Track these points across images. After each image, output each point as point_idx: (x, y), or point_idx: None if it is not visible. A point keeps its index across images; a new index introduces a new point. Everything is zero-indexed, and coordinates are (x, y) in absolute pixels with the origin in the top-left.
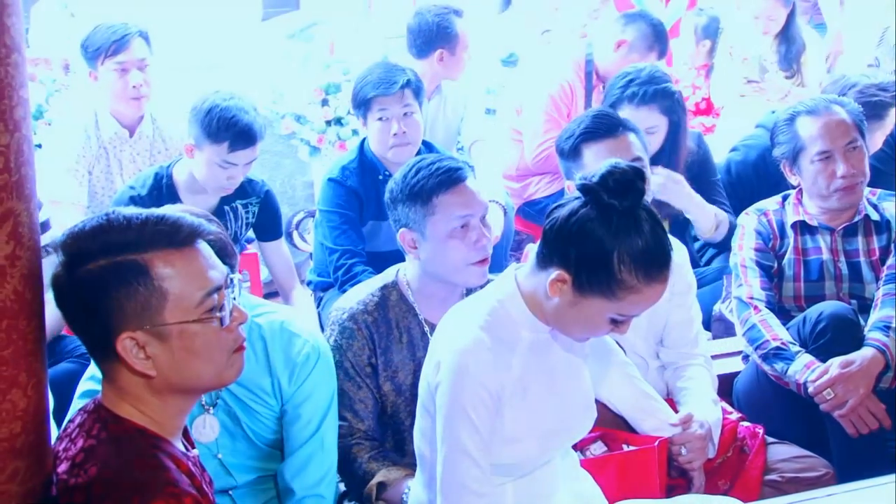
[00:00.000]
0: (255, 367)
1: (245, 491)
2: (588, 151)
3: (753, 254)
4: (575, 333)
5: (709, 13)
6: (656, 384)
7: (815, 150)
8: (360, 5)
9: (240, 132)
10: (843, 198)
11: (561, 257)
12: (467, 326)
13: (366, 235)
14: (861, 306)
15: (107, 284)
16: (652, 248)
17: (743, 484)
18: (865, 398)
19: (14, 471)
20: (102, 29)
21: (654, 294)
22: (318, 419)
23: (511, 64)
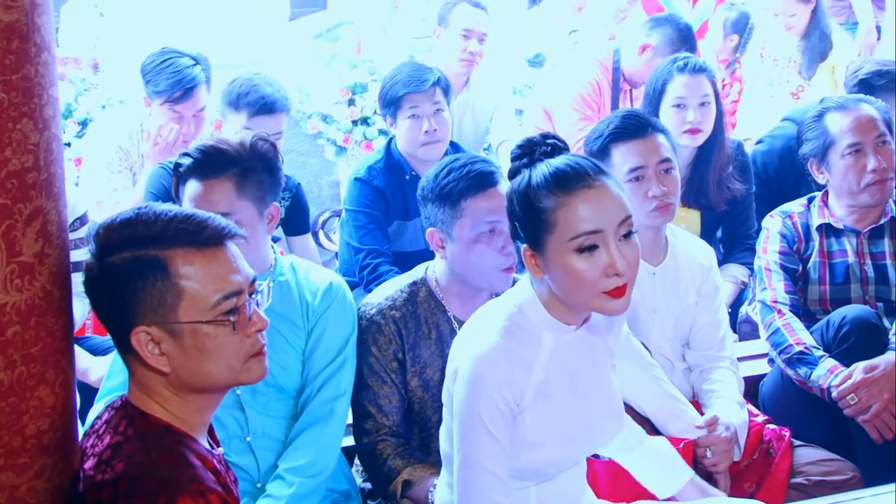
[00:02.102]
0: (289, 298)
1: (262, 443)
2: (616, 152)
3: (778, 257)
4: (580, 297)
5: (739, 8)
6: (682, 386)
7: (846, 143)
8: (387, 6)
9: (259, 99)
10: (874, 193)
11: (516, 237)
12: (485, 333)
13: (391, 235)
14: (887, 309)
15: (127, 276)
16: (558, 167)
17: (769, 487)
18: (889, 403)
19: (42, 467)
20: (170, 69)
21: (585, 203)
22: (336, 349)
23: (538, 64)
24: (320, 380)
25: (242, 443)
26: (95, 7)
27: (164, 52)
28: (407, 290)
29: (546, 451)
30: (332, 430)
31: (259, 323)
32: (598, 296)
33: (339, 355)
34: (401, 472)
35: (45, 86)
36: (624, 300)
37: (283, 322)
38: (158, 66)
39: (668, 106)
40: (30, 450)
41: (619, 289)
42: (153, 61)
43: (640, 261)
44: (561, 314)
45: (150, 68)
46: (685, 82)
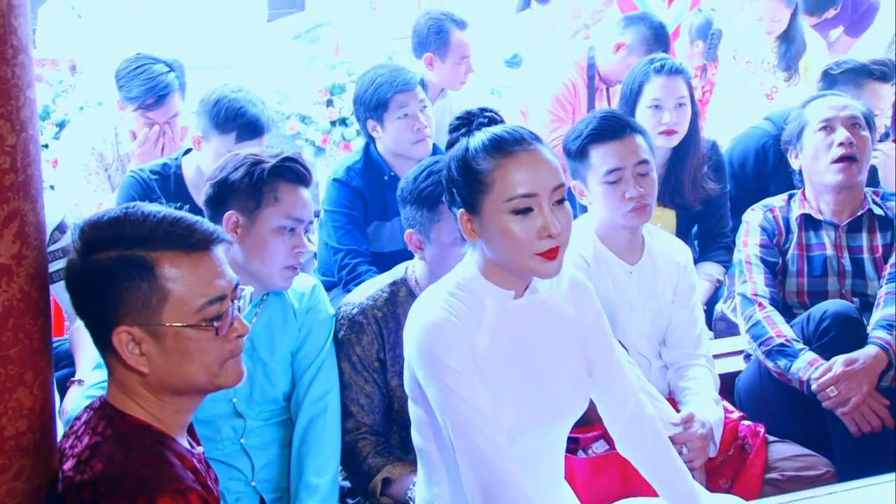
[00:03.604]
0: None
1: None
2: (595, 152)
3: (758, 250)
4: (517, 259)
5: (705, 14)
6: (658, 384)
7: (817, 119)
8: (365, 7)
9: (247, 123)
10: (838, 172)
11: (452, 203)
12: (430, 307)
13: (370, 235)
14: (863, 304)
15: (112, 275)
16: (496, 133)
17: (744, 482)
18: (868, 396)
19: (20, 469)
20: (143, 76)
21: (519, 167)
22: (320, 343)
23: (515, 65)
24: (308, 377)
25: (236, 444)
26: (73, 9)
27: (138, 58)
28: (387, 290)
29: (505, 412)
30: (331, 425)
31: (240, 328)
32: (531, 257)
33: (321, 352)
34: (380, 470)
35: (21, 87)
36: (556, 263)
37: (277, 333)
38: (132, 73)
39: (644, 107)
40: (8, 451)
41: (551, 251)
42: (127, 67)
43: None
44: (499, 280)
45: (123, 74)
46: (662, 84)
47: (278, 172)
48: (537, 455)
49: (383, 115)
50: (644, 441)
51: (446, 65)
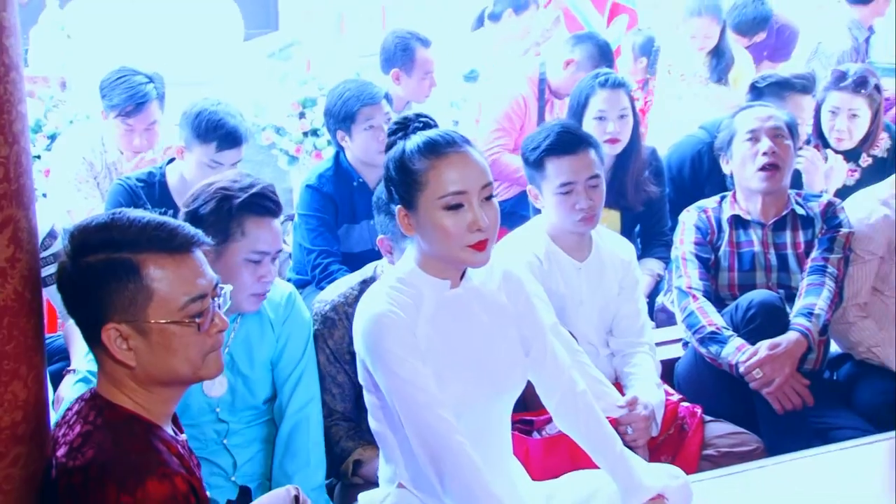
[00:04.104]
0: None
1: (237, 441)
2: (551, 165)
3: (693, 247)
4: (449, 251)
5: (645, 33)
6: (605, 370)
7: (745, 130)
8: (334, 27)
9: (226, 134)
10: (763, 179)
11: (391, 200)
12: (373, 301)
13: (340, 237)
14: (788, 295)
15: (101, 277)
16: (430, 136)
17: (683, 458)
18: (790, 377)
19: (16, 456)
20: (124, 85)
21: (450, 167)
22: (301, 350)
23: (472, 79)
24: (289, 386)
25: (219, 444)
26: (62, 29)
27: (121, 70)
28: (358, 288)
29: (450, 389)
30: (314, 434)
31: (220, 324)
32: (463, 249)
33: (301, 360)
34: (351, 453)
35: (13, 102)
36: (485, 253)
37: (255, 346)
38: (114, 83)
39: (590, 118)
40: (5, 440)
41: (481, 243)
42: (110, 78)
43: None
44: (435, 271)
45: (106, 84)
46: (606, 97)
47: (246, 207)
48: (484, 430)
49: (351, 126)
50: (577, 414)
51: (412, 79)
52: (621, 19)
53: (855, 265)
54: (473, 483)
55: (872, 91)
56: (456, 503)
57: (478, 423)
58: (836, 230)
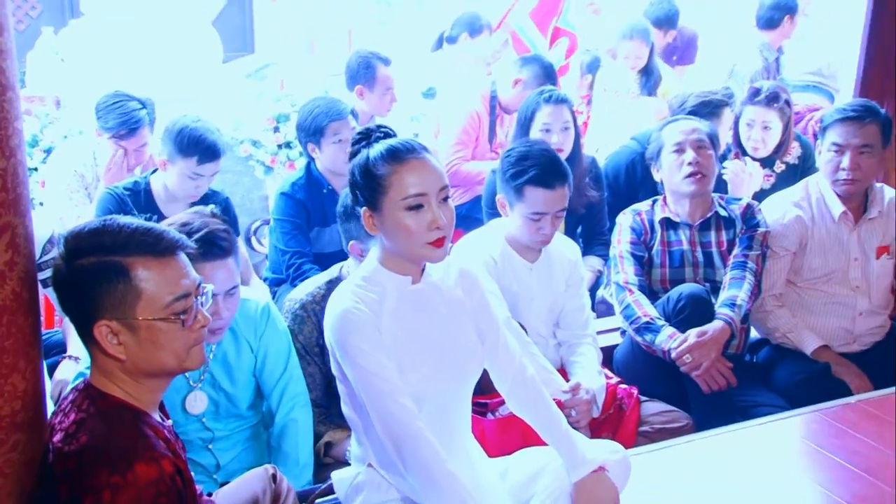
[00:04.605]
0: (233, 340)
1: (222, 445)
2: (529, 193)
3: (629, 246)
4: (411, 248)
5: (593, 53)
6: (552, 358)
7: (672, 142)
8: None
9: (206, 148)
10: (690, 184)
11: (356, 203)
12: (341, 298)
13: (312, 239)
14: (713, 288)
15: (93, 278)
16: (391, 144)
17: (621, 435)
18: (716, 361)
19: (15, 442)
20: (119, 110)
21: (410, 172)
22: (283, 361)
23: (430, 96)
24: (276, 394)
25: (204, 448)
26: (57, 54)
27: (116, 95)
28: (324, 287)
29: (411, 378)
30: (303, 434)
31: (203, 320)
32: (423, 246)
33: (286, 370)
34: (322, 436)
35: (10, 119)
36: (443, 250)
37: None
38: (110, 107)
39: (536, 130)
40: (5, 428)
41: (439, 240)
42: (106, 101)
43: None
44: (397, 268)
45: (102, 107)
46: (550, 111)
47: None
48: (444, 413)
49: (320, 139)
50: (527, 397)
51: (374, 94)
52: (562, 42)
53: (771, 260)
54: (432, 463)
55: (783, 105)
56: (417, 482)
57: (439, 407)
58: (754, 229)
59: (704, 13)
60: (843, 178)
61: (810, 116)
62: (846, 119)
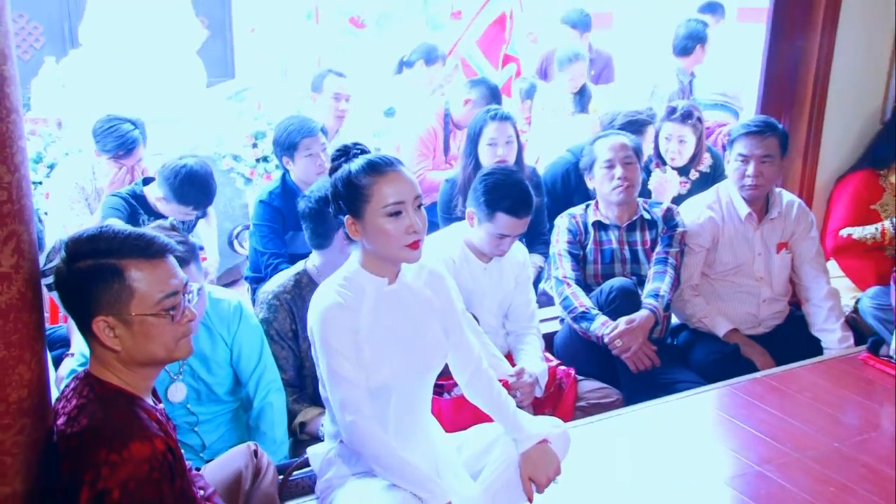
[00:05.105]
0: (208, 336)
1: (206, 427)
2: (500, 218)
3: (566, 245)
4: (391, 251)
5: (530, 80)
6: (501, 346)
7: (603, 159)
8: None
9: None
10: (619, 195)
11: (338, 211)
12: (325, 294)
13: (287, 242)
14: (639, 281)
15: (91, 279)
16: (370, 159)
17: (561, 410)
18: (643, 345)
19: (22, 426)
20: (115, 133)
21: (389, 183)
22: (257, 352)
23: (390, 115)
24: (253, 382)
25: (191, 430)
26: (58, 80)
27: (110, 119)
28: (293, 280)
29: (384, 371)
30: (278, 416)
31: (190, 315)
32: (402, 248)
33: (260, 360)
34: (296, 415)
35: (14, 139)
36: (419, 252)
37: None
38: (106, 131)
39: (484, 144)
40: (13, 413)
41: (415, 242)
42: (102, 126)
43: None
44: (376, 269)
45: (99, 132)
46: (496, 127)
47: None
48: (411, 398)
49: (294, 153)
50: (482, 387)
51: (322, 97)
52: (510, 67)
53: (688, 256)
54: (382, 453)
55: (696, 122)
56: (372, 466)
57: (406, 394)
58: (673, 229)
59: (632, 43)
60: (749, 184)
61: (719, 131)
62: (750, 133)
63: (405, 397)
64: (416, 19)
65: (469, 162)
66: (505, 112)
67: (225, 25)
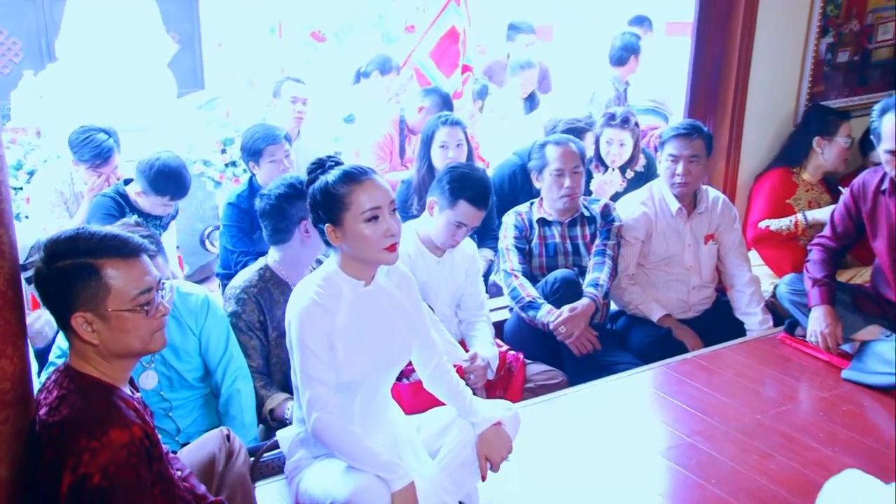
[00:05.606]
0: (177, 327)
1: (180, 413)
2: (461, 206)
3: (513, 241)
4: (371, 254)
5: (482, 82)
6: (455, 333)
7: (554, 167)
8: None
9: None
10: (565, 202)
11: (318, 220)
12: (305, 294)
13: (255, 240)
14: (580, 272)
15: (69, 277)
16: (346, 169)
17: (511, 392)
18: (584, 330)
19: (6, 417)
20: (91, 144)
21: (365, 191)
22: (223, 342)
23: (350, 121)
24: (220, 370)
25: (165, 416)
26: (37, 92)
27: (84, 130)
28: (257, 275)
29: (355, 368)
30: (245, 402)
31: (163, 310)
32: (380, 251)
33: (226, 350)
34: (264, 400)
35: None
36: (396, 254)
37: (180, 348)
38: (82, 142)
39: (436, 147)
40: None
41: (392, 245)
42: (77, 137)
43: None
44: (353, 272)
45: (75, 143)
46: (447, 131)
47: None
48: (377, 390)
49: (259, 159)
50: (443, 379)
51: (281, 101)
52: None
53: (625, 248)
54: (346, 441)
55: (633, 127)
56: (339, 455)
57: (373, 386)
58: (611, 224)
59: (571, 54)
60: (678, 182)
61: (651, 134)
62: (678, 135)
63: (371, 389)
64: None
65: (423, 164)
66: (455, 118)
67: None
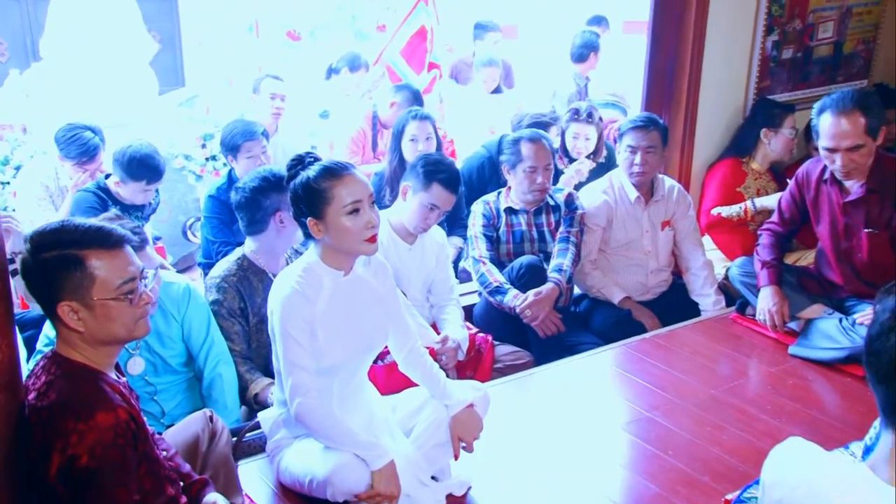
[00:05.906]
0: (161, 314)
1: (164, 396)
2: (435, 188)
3: (482, 228)
4: (352, 245)
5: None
6: (426, 317)
7: (528, 164)
8: (225, 82)
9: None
10: (536, 196)
11: (300, 214)
12: (286, 283)
13: (235, 231)
14: (545, 257)
15: (55, 268)
16: (326, 165)
17: (481, 372)
18: (549, 313)
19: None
20: (77, 142)
21: (345, 185)
22: (205, 329)
23: (325, 116)
24: (203, 355)
25: (151, 399)
26: (23, 90)
27: (71, 128)
28: (235, 265)
29: (335, 353)
30: (227, 385)
31: (147, 298)
32: (361, 242)
33: (207, 335)
34: (248, 383)
35: None
36: (376, 245)
37: (164, 334)
38: (68, 139)
39: (406, 140)
40: None
41: (373, 237)
42: (64, 135)
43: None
44: (333, 263)
45: (62, 140)
46: (417, 126)
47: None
48: (354, 374)
49: (237, 154)
50: (417, 363)
51: (260, 98)
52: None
53: (587, 234)
54: (326, 424)
55: (597, 121)
56: (320, 439)
57: (351, 370)
58: (574, 212)
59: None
60: (636, 172)
61: (611, 126)
62: (636, 128)
63: (349, 373)
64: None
65: (394, 157)
66: (425, 112)
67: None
